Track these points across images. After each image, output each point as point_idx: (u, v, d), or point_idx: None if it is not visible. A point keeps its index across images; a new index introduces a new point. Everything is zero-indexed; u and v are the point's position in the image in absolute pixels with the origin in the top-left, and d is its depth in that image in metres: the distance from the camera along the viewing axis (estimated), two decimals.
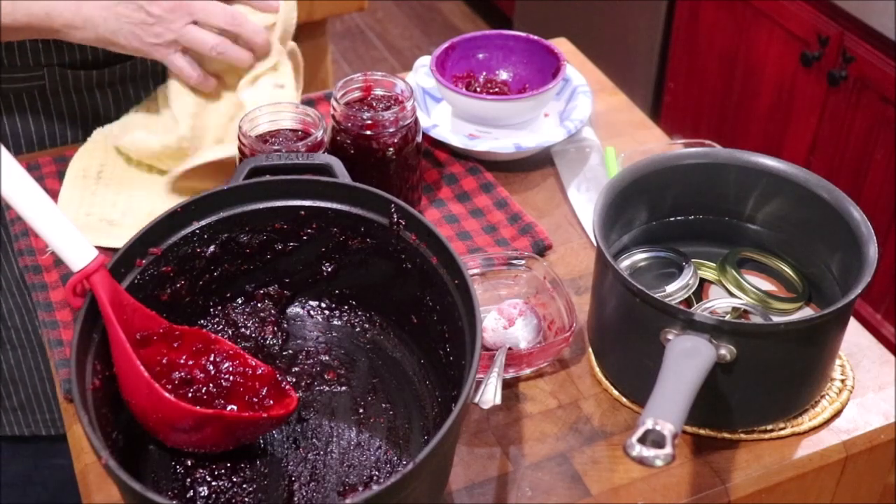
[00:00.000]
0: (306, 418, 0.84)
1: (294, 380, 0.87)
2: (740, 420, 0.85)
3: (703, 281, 0.94)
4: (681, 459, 0.85)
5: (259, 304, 0.91)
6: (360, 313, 0.92)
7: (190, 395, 0.79)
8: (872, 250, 0.82)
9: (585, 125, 1.19)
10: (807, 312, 0.91)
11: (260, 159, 0.88)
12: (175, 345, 0.81)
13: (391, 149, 0.99)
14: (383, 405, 0.85)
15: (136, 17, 1.01)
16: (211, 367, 0.81)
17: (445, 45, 1.18)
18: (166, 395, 0.75)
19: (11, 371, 1.28)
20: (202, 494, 0.78)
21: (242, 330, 0.90)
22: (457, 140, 1.12)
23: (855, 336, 0.95)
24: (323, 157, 0.88)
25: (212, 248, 0.86)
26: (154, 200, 1.07)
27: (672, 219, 0.96)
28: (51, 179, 1.11)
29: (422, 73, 1.22)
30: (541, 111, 1.19)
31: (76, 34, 1.03)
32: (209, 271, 0.87)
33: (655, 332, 0.80)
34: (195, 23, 1.02)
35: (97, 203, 1.07)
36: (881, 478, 0.92)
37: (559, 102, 1.22)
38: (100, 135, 1.14)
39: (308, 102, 1.23)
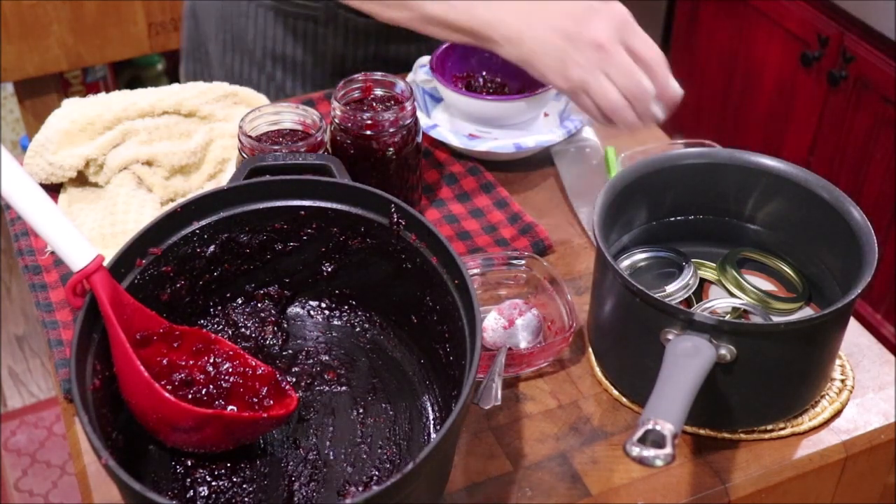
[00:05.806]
0: (306, 418, 0.84)
1: (294, 380, 0.87)
2: (740, 420, 0.85)
3: (703, 281, 0.94)
4: (681, 459, 0.85)
5: (259, 304, 0.91)
6: (360, 313, 0.92)
7: (190, 395, 0.79)
8: (872, 250, 0.82)
9: (585, 125, 1.19)
10: (807, 312, 0.91)
11: (260, 159, 0.88)
12: (175, 345, 0.81)
13: (391, 149, 0.99)
14: (383, 405, 0.85)
15: (583, 55, 0.93)
16: (211, 368, 0.81)
17: (445, 45, 1.18)
18: (166, 395, 0.75)
19: None
20: (202, 494, 0.78)
21: (242, 330, 0.90)
22: (457, 140, 1.12)
23: (855, 336, 0.95)
24: (323, 157, 0.88)
25: (212, 248, 0.86)
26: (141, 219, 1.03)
27: (672, 219, 0.96)
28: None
29: (422, 73, 1.22)
30: (541, 111, 1.19)
31: (505, 49, 0.97)
32: (209, 271, 0.87)
33: (655, 332, 0.80)
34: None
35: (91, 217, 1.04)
36: (881, 478, 0.92)
37: (559, 102, 1.22)
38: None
39: (308, 102, 1.23)
